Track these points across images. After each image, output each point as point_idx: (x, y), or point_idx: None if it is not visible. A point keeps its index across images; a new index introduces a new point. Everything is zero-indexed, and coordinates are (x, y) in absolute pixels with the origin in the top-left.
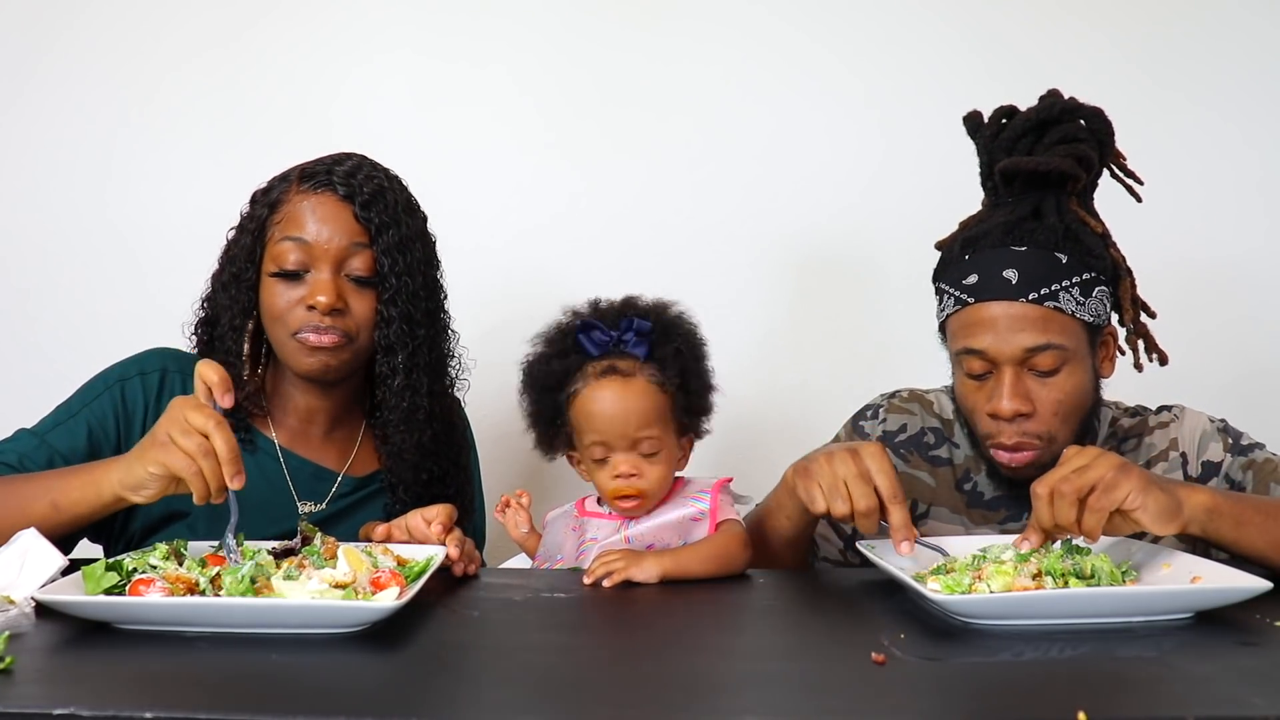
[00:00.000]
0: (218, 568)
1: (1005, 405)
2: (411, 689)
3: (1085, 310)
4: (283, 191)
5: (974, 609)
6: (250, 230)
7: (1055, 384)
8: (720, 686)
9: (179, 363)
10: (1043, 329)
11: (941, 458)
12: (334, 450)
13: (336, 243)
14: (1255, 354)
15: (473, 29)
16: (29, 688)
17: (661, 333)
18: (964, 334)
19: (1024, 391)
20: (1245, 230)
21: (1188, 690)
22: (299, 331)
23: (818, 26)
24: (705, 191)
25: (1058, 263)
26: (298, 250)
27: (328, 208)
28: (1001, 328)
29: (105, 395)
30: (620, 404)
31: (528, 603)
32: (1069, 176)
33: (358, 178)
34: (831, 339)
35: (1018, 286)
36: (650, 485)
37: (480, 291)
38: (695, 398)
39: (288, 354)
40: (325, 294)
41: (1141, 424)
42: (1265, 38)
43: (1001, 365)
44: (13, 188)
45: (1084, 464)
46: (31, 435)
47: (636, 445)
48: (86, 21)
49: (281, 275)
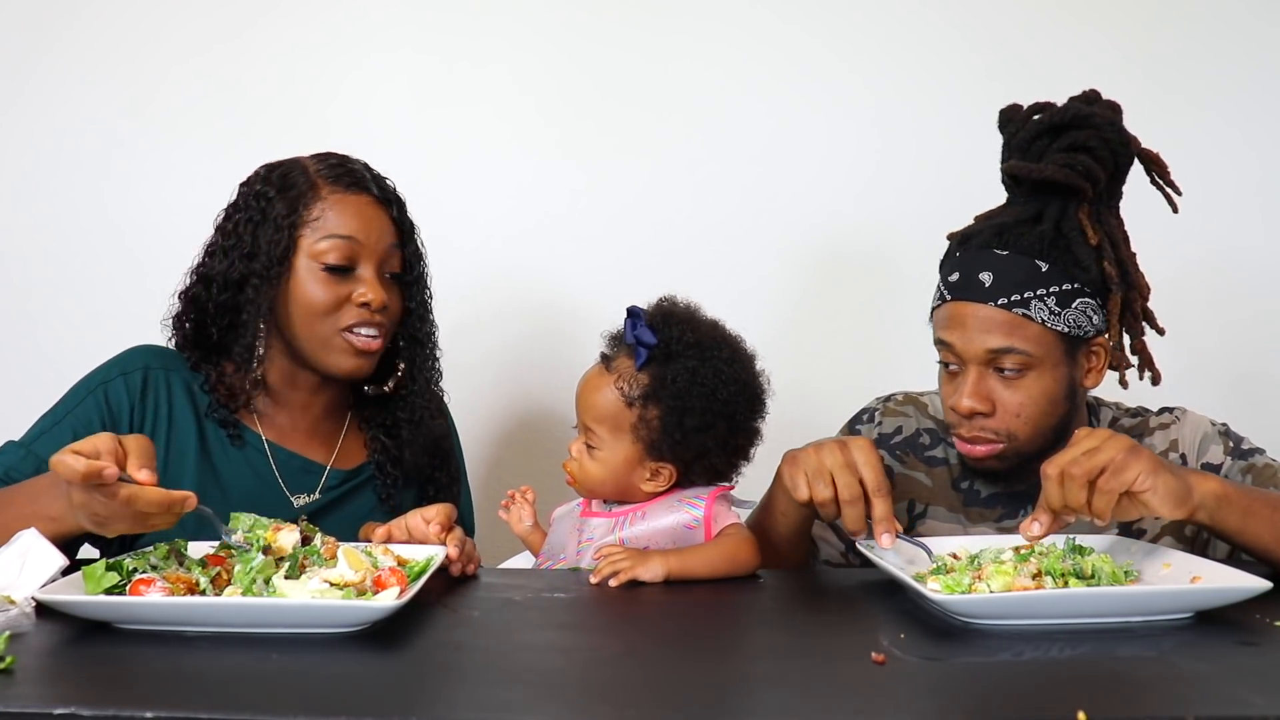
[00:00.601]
0: (218, 568)
1: (963, 403)
2: (411, 689)
3: (1060, 320)
4: (308, 188)
5: (974, 609)
6: (281, 225)
7: (1019, 386)
8: (720, 686)
9: (161, 359)
10: (1007, 333)
11: (937, 458)
12: (320, 444)
13: (382, 243)
14: (1255, 353)
15: (473, 28)
16: (29, 688)
17: (664, 357)
18: (940, 327)
19: (985, 392)
20: (1243, 230)
21: (1188, 690)
22: (350, 328)
23: (819, 26)
24: (706, 191)
25: (1036, 270)
26: (346, 247)
27: (370, 209)
28: (970, 327)
29: (89, 399)
30: (585, 388)
31: (528, 603)
32: (1069, 186)
33: (383, 182)
34: (833, 339)
35: (989, 290)
36: (581, 475)
37: (480, 291)
38: (668, 436)
39: (329, 351)
40: (377, 292)
41: (1142, 424)
42: (1265, 38)
43: (967, 363)
44: (13, 187)
45: (1094, 445)
46: (18, 447)
47: (586, 433)
48: (86, 21)
49: (329, 270)
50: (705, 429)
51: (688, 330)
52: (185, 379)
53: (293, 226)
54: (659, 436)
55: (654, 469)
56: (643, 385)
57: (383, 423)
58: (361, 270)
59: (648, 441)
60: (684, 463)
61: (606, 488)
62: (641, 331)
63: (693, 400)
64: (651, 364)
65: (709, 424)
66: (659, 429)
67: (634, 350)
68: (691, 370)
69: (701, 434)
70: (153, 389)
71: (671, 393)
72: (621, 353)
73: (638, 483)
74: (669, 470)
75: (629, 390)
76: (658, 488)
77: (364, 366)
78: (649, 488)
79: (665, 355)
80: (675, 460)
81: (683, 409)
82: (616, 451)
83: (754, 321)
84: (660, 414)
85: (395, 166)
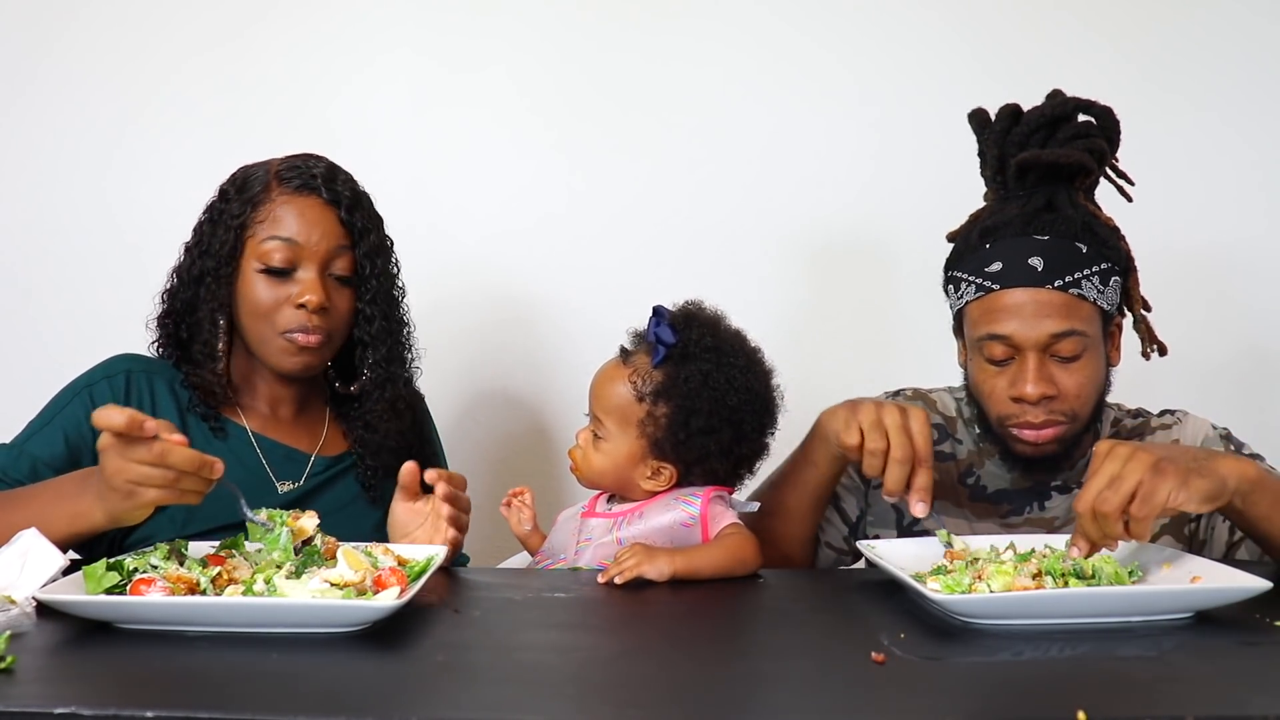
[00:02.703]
0: (218, 568)
1: (1031, 390)
2: (411, 689)
3: (1104, 299)
4: (261, 190)
5: (974, 609)
6: (230, 225)
7: (1076, 369)
8: (720, 686)
9: (142, 364)
10: (1066, 315)
11: (945, 453)
12: (303, 432)
13: (324, 245)
14: (1257, 348)
15: (472, 29)
16: (29, 687)
17: (681, 357)
18: (987, 320)
19: (1048, 375)
20: (1244, 225)
21: (1188, 690)
22: (288, 331)
23: (817, 26)
24: (705, 192)
25: (1078, 252)
26: (286, 250)
27: (315, 211)
28: (1027, 314)
29: (75, 401)
30: (600, 378)
31: (528, 603)
32: (1083, 169)
33: (338, 183)
34: (832, 339)
35: (1043, 274)
36: (584, 463)
37: (480, 291)
38: (672, 435)
39: (270, 351)
40: (315, 294)
41: (1143, 425)
42: (1265, 38)
43: (1025, 350)
44: (14, 187)
45: (1116, 472)
46: (10, 449)
47: (595, 422)
48: (87, 21)
49: (268, 272)
50: (710, 432)
51: (708, 334)
52: (168, 378)
53: (241, 227)
54: (664, 435)
55: (655, 468)
56: (655, 382)
57: (355, 420)
58: (301, 272)
59: (653, 438)
60: (685, 464)
61: (607, 479)
62: (663, 330)
63: (701, 402)
64: (668, 362)
65: (714, 428)
66: (665, 427)
67: (653, 348)
68: (705, 373)
69: (705, 437)
70: (135, 389)
71: (682, 392)
72: (641, 349)
73: (638, 480)
74: (670, 471)
75: (641, 385)
76: (657, 487)
77: (309, 363)
78: (649, 486)
79: (682, 355)
80: (677, 461)
81: (690, 410)
82: (621, 445)
83: (753, 321)
84: (668, 412)
85: (394, 167)
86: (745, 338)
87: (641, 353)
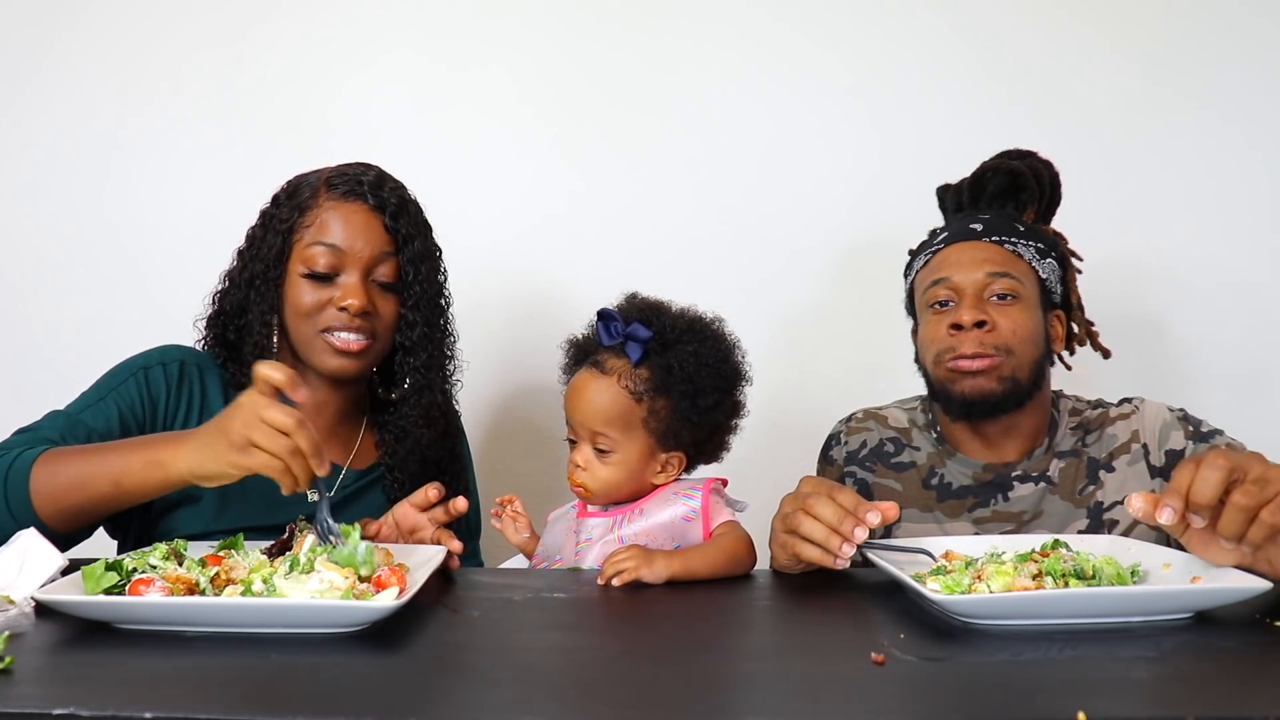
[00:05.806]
0: (217, 568)
1: (966, 316)
2: (411, 689)
3: (1041, 267)
4: (310, 196)
5: (974, 609)
6: (279, 231)
7: (1010, 308)
8: (720, 686)
9: (194, 356)
10: (1001, 262)
11: (904, 462)
12: (337, 444)
13: (368, 250)
14: (1259, 353)
15: (472, 31)
16: (29, 688)
17: (661, 345)
18: (932, 272)
19: (983, 309)
20: (1244, 227)
21: (1188, 690)
22: (329, 330)
23: (816, 27)
24: (704, 192)
25: (1017, 228)
26: (330, 255)
27: (360, 217)
28: (966, 259)
29: (131, 381)
30: (584, 396)
31: (528, 603)
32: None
33: (385, 190)
34: (831, 339)
35: (983, 233)
36: (596, 484)
37: (480, 292)
38: (683, 420)
39: (313, 351)
40: (357, 297)
41: (1103, 416)
42: (1265, 38)
43: (963, 291)
44: (12, 188)
45: (1263, 474)
46: (65, 415)
47: (595, 439)
48: (87, 22)
49: (312, 277)
50: (717, 406)
51: (678, 318)
52: (219, 375)
53: (289, 232)
54: (672, 424)
55: (665, 460)
56: (645, 379)
57: (388, 427)
58: (344, 277)
59: (659, 433)
60: (696, 445)
61: (623, 490)
62: (634, 328)
63: (702, 380)
64: (650, 357)
65: (719, 401)
66: (672, 417)
67: (623, 348)
68: (694, 353)
69: (714, 411)
70: (188, 380)
71: (680, 378)
72: (608, 354)
73: (650, 477)
74: (678, 458)
75: (635, 386)
76: (667, 478)
77: (348, 366)
78: (659, 480)
79: (661, 345)
80: (689, 444)
81: (694, 391)
82: (631, 450)
83: (754, 321)
84: (670, 402)
85: (394, 167)
86: (697, 309)
87: (612, 356)
